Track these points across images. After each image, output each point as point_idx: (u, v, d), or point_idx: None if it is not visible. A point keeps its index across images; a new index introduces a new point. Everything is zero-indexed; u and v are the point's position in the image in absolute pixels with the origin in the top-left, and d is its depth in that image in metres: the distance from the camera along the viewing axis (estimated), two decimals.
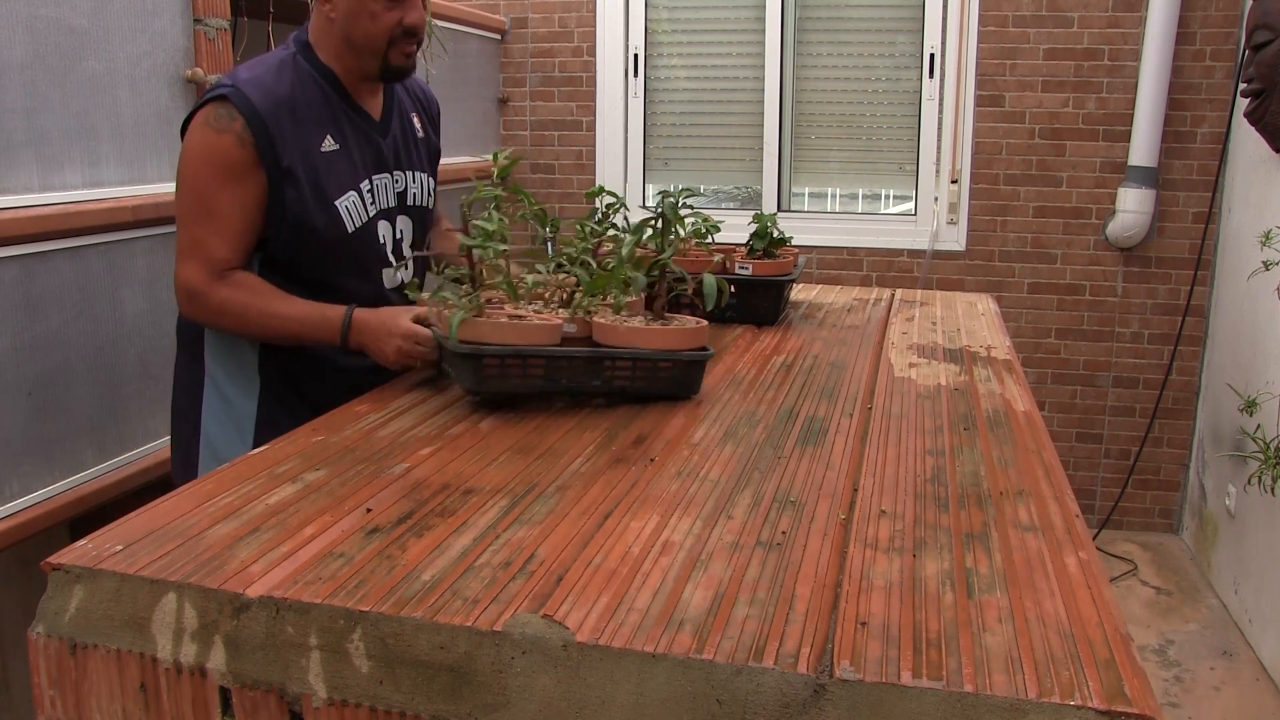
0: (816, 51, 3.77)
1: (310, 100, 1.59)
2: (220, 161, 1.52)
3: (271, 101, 1.54)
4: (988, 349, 1.88)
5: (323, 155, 1.59)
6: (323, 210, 1.59)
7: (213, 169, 1.52)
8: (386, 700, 0.86)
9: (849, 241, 3.76)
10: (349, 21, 1.59)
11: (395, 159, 1.71)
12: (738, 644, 0.82)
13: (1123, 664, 0.79)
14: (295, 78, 1.59)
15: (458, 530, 1.03)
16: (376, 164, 1.67)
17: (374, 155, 1.67)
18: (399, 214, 1.72)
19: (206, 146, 1.53)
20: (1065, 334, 3.63)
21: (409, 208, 1.74)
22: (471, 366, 1.42)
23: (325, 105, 1.61)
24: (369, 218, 1.65)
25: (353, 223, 1.62)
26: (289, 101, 1.57)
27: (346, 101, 1.64)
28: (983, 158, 3.60)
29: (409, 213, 1.74)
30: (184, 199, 1.56)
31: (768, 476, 1.20)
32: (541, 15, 3.87)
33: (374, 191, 1.66)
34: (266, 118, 1.52)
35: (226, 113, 1.52)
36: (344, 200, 1.61)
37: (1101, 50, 3.45)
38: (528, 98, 3.94)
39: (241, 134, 1.51)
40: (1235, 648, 2.97)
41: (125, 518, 1.06)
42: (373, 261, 1.69)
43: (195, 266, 1.55)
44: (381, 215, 1.68)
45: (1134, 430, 3.63)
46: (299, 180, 1.56)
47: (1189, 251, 3.49)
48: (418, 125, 1.79)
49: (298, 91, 1.58)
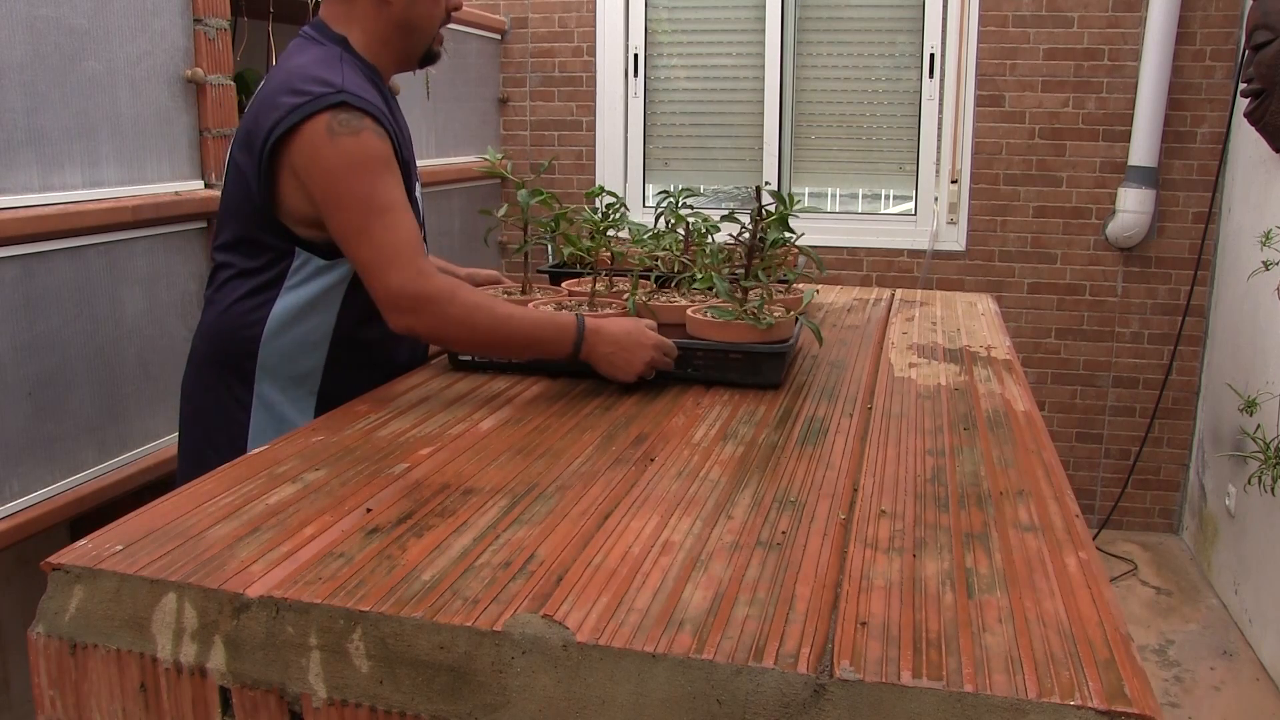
0: (816, 51, 3.78)
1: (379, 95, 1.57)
2: (375, 159, 1.46)
3: (373, 98, 1.51)
4: (988, 349, 1.88)
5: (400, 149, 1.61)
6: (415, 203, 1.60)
7: (371, 169, 1.46)
8: (386, 700, 0.86)
9: (849, 241, 3.76)
10: (412, 4, 1.58)
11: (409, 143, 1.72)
12: (738, 644, 0.82)
13: (1123, 664, 0.79)
14: (357, 73, 1.54)
15: (458, 530, 1.03)
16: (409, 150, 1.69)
17: (410, 145, 1.68)
18: None
19: (355, 152, 1.45)
20: (1065, 334, 3.63)
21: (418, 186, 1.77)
22: (778, 364, 1.57)
23: (383, 98, 1.58)
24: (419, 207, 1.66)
25: (420, 213, 1.64)
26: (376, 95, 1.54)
27: (389, 94, 1.64)
28: (983, 158, 3.60)
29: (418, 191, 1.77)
30: (353, 213, 1.45)
31: (768, 476, 1.20)
32: (541, 15, 3.87)
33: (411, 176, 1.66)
34: (382, 115, 1.50)
35: (351, 116, 1.46)
36: (415, 192, 1.63)
37: (1101, 50, 3.46)
38: (528, 98, 3.94)
39: (377, 130, 1.47)
40: (1235, 648, 2.97)
41: (125, 518, 1.06)
42: None
43: (409, 272, 1.45)
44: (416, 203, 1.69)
45: (1134, 430, 3.63)
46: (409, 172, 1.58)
47: (1189, 251, 3.49)
48: None
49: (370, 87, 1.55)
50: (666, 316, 1.69)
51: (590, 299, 1.74)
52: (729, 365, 1.58)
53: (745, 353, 1.57)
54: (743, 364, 1.58)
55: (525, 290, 1.83)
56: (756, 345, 1.57)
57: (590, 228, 1.79)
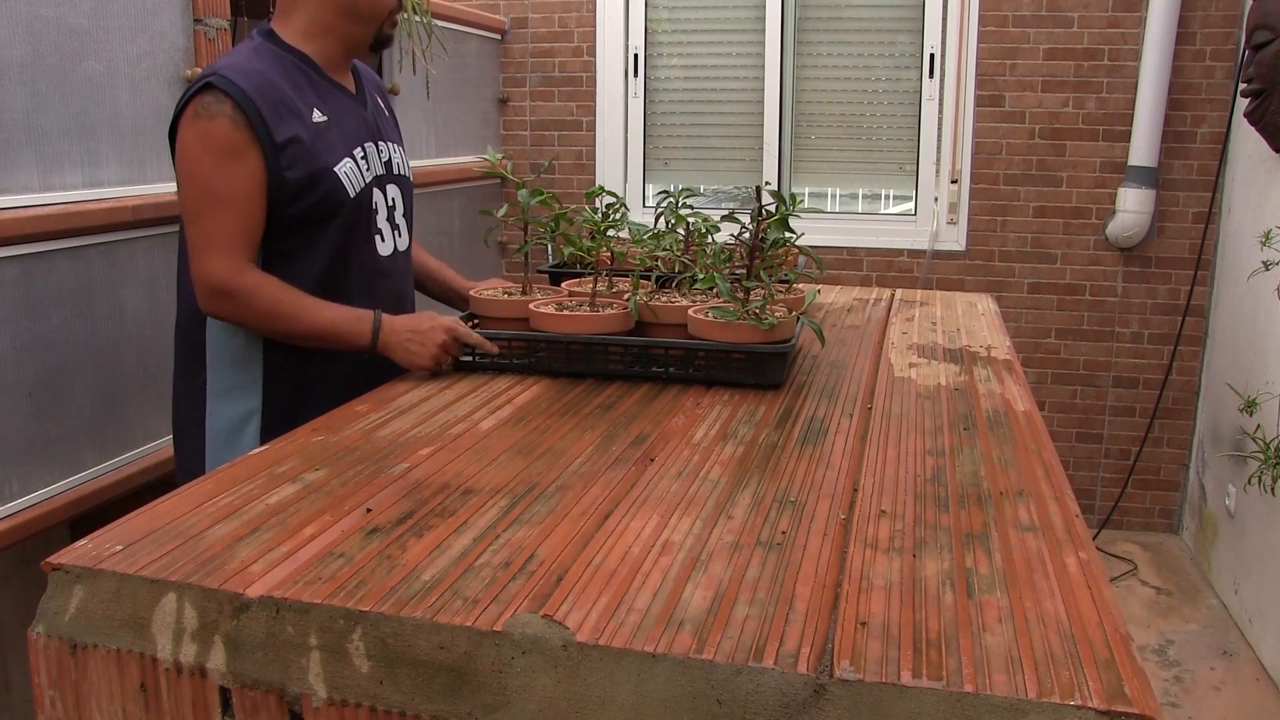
0: (816, 51, 3.78)
1: (290, 77, 1.62)
2: (218, 147, 1.52)
3: (255, 81, 1.56)
4: (988, 349, 1.88)
5: (315, 126, 1.62)
6: (324, 179, 1.61)
7: (213, 156, 1.53)
8: (386, 700, 0.86)
9: (849, 241, 3.76)
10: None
11: (377, 129, 1.75)
12: (738, 644, 0.82)
13: (1123, 664, 0.79)
14: (270, 58, 1.62)
15: (458, 530, 1.03)
16: (363, 133, 1.71)
17: (359, 125, 1.70)
18: (388, 182, 1.75)
19: (202, 136, 1.53)
20: (1065, 334, 3.63)
21: (396, 176, 1.78)
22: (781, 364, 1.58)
23: (306, 81, 1.64)
24: (365, 184, 1.68)
25: (352, 188, 1.65)
26: (271, 80, 1.59)
27: (323, 77, 1.68)
28: (983, 158, 3.60)
29: (396, 181, 1.78)
30: (190, 194, 1.55)
31: (768, 476, 1.20)
32: (541, 15, 3.87)
33: (367, 159, 1.69)
34: (254, 96, 1.54)
35: (214, 99, 1.53)
36: (342, 167, 1.64)
37: (1101, 50, 3.45)
38: (528, 98, 3.94)
39: (234, 116, 1.52)
40: (1235, 648, 2.97)
41: (125, 518, 1.06)
42: (371, 228, 1.71)
43: (217, 259, 1.55)
44: (374, 183, 1.71)
45: (1134, 430, 3.63)
46: (295, 153, 1.58)
47: (1189, 251, 3.49)
48: (383, 107, 1.84)
49: (277, 70, 1.61)
50: (668, 317, 1.69)
51: (591, 299, 1.74)
52: (731, 365, 1.59)
53: (748, 353, 1.57)
54: (745, 364, 1.58)
55: (525, 290, 1.83)
56: (759, 345, 1.57)
57: (590, 228, 1.79)
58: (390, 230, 1.75)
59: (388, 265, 1.75)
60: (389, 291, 1.74)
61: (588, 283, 1.87)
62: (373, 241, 1.72)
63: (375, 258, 1.72)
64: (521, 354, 1.67)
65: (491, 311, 1.75)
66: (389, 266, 1.75)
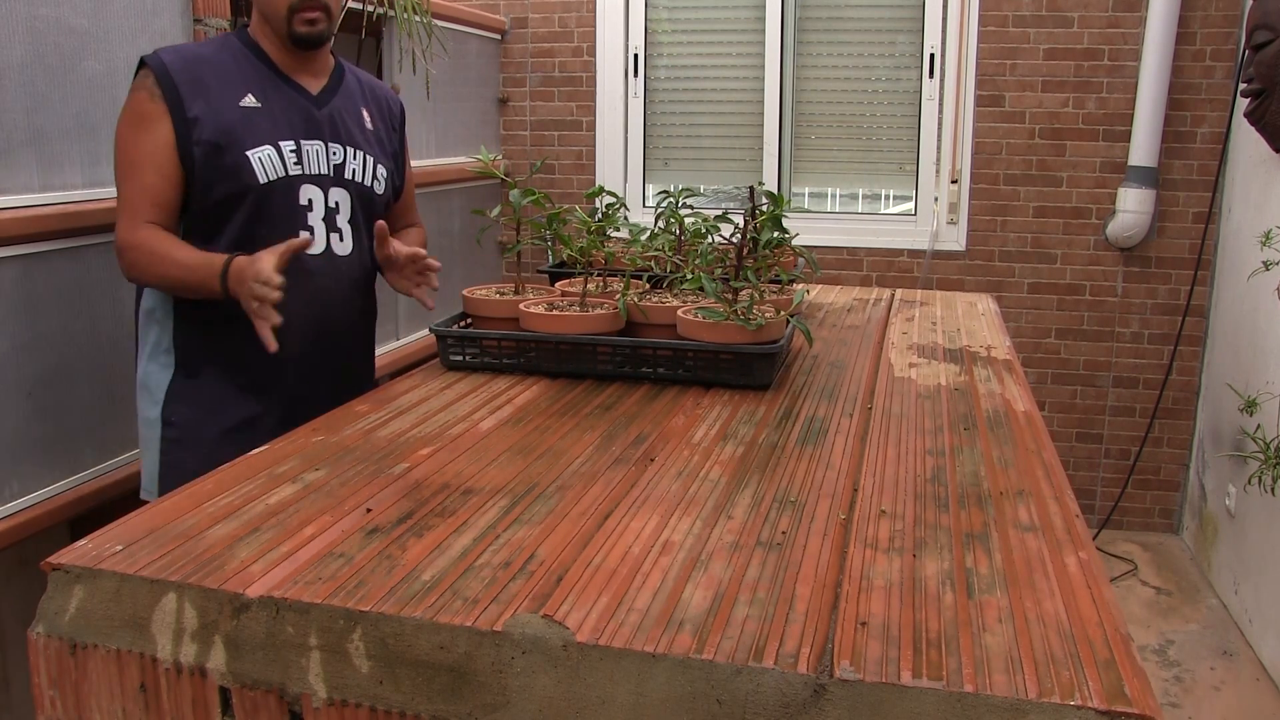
0: (816, 51, 3.77)
1: (234, 63, 1.67)
2: (134, 116, 1.60)
3: (183, 59, 1.62)
4: (988, 349, 1.88)
5: (241, 109, 1.63)
6: (233, 159, 1.62)
7: (130, 125, 1.60)
8: (386, 700, 0.86)
9: (849, 241, 3.76)
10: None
11: (333, 131, 1.73)
12: (738, 644, 0.82)
13: (1123, 664, 0.79)
14: (221, 46, 1.69)
15: (458, 530, 1.03)
16: (307, 130, 1.70)
17: (304, 121, 1.70)
18: (334, 185, 1.73)
19: (126, 107, 1.61)
20: (1065, 334, 3.63)
21: (347, 181, 1.75)
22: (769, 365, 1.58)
23: (251, 70, 1.68)
24: (286, 175, 1.66)
25: (265, 175, 1.64)
26: (206, 61, 1.64)
27: (275, 72, 1.70)
28: (983, 158, 3.60)
29: (347, 186, 1.75)
30: (116, 161, 1.63)
31: (768, 476, 1.20)
32: (541, 15, 3.87)
33: (300, 154, 1.68)
34: (174, 71, 1.59)
35: (142, 74, 1.61)
36: (258, 152, 1.63)
37: (1101, 50, 3.45)
38: (528, 98, 3.94)
39: (151, 88, 1.59)
40: (1235, 648, 2.97)
41: (125, 518, 1.06)
42: (289, 221, 1.68)
43: (122, 220, 1.60)
44: (310, 180, 1.69)
45: (1134, 430, 3.63)
46: (208, 128, 1.60)
47: (1189, 251, 3.49)
48: (367, 118, 1.82)
49: (221, 56, 1.66)
50: (657, 317, 1.69)
51: (581, 299, 1.75)
52: (720, 366, 1.59)
53: (736, 353, 1.57)
54: (734, 365, 1.58)
55: (519, 290, 1.83)
56: (747, 346, 1.57)
57: (584, 228, 1.79)
58: (326, 231, 1.72)
59: (313, 264, 1.69)
60: (311, 291, 1.67)
61: (580, 283, 1.87)
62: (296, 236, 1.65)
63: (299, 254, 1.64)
64: (512, 354, 1.67)
65: (483, 311, 1.75)
66: (315, 266, 1.70)
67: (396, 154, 1.89)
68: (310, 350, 1.71)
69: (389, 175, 1.83)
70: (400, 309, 3.10)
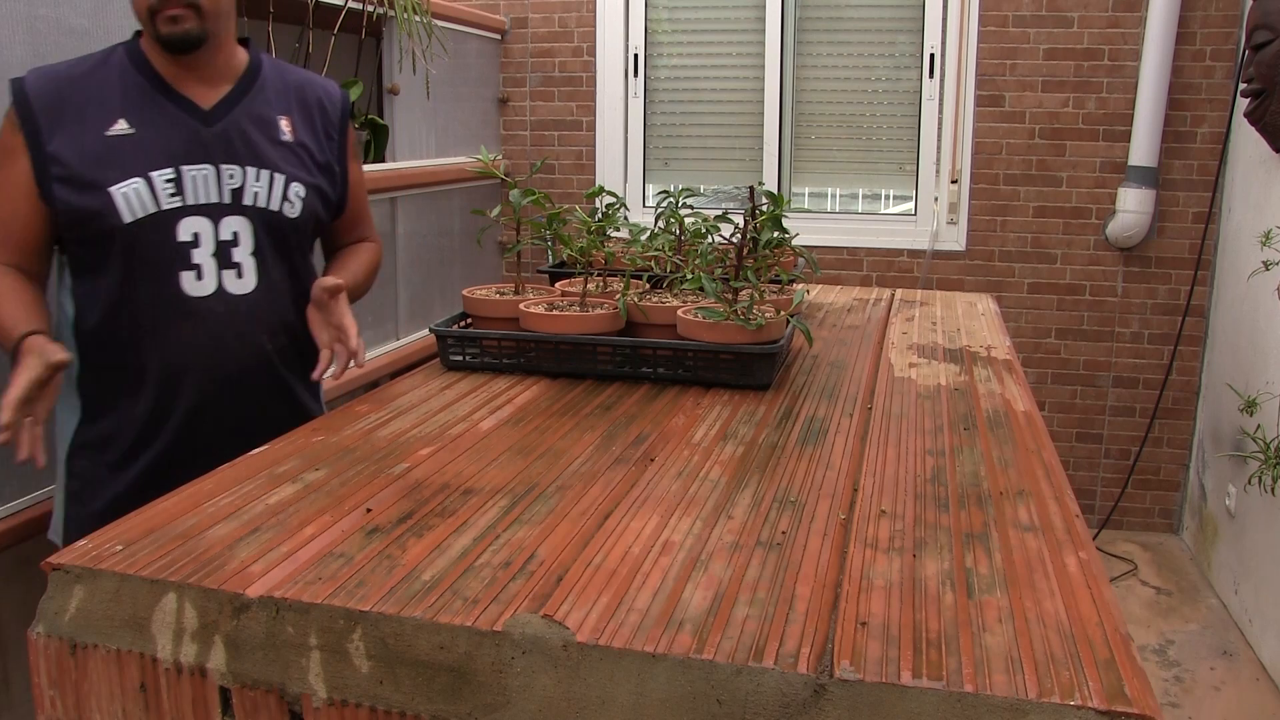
0: (816, 51, 3.78)
1: (108, 84, 1.49)
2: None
3: (51, 83, 1.47)
4: (988, 349, 1.88)
5: (106, 139, 1.46)
6: (94, 197, 1.45)
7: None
8: (386, 700, 0.86)
9: (849, 241, 3.76)
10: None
11: (227, 151, 1.53)
12: (738, 644, 0.82)
13: (1123, 664, 0.79)
14: (99, 64, 1.51)
15: (458, 530, 1.03)
16: (190, 154, 1.50)
17: (187, 144, 1.50)
18: (229, 213, 1.53)
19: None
20: (1065, 334, 3.63)
21: (246, 208, 1.54)
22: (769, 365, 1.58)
23: (132, 88, 1.50)
24: (159, 210, 1.48)
25: (131, 213, 1.46)
26: (76, 83, 1.48)
27: (160, 88, 1.51)
28: (983, 158, 3.60)
29: (246, 214, 1.54)
30: None
31: (768, 476, 1.20)
32: (541, 15, 3.87)
33: (181, 183, 1.49)
34: (34, 98, 1.45)
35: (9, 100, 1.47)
36: (122, 187, 1.46)
37: (1101, 50, 3.46)
38: (528, 98, 3.94)
39: (12, 119, 1.46)
40: (1235, 648, 2.97)
41: (125, 518, 1.06)
42: (164, 261, 1.49)
43: None
44: (195, 211, 1.50)
45: (1134, 430, 3.63)
46: (68, 163, 1.45)
47: (1189, 251, 3.49)
48: (285, 127, 1.60)
49: (99, 75, 1.50)
50: (658, 317, 1.69)
51: (581, 299, 1.75)
52: (720, 366, 1.59)
53: (735, 353, 1.57)
54: (733, 365, 1.58)
55: (519, 290, 1.83)
56: (747, 346, 1.57)
57: (584, 228, 1.79)
58: (215, 267, 1.52)
59: (199, 306, 1.51)
60: (198, 334, 1.51)
61: (580, 283, 1.87)
62: (176, 276, 1.49)
63: (178, 295, 1.50)
64: (512, 354, 1.67)
65: (483, 311, 1.75)
66: (201, 307, 1.51)
67: (331, 164, 1.66)
68: (208, 399, 1.54)
69: (313, 193, 1.62)
70: (400, 309, 3.10)
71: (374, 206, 2.98)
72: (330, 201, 1.67)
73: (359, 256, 1.77)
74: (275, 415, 1.60)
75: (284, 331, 1.61)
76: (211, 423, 1.54)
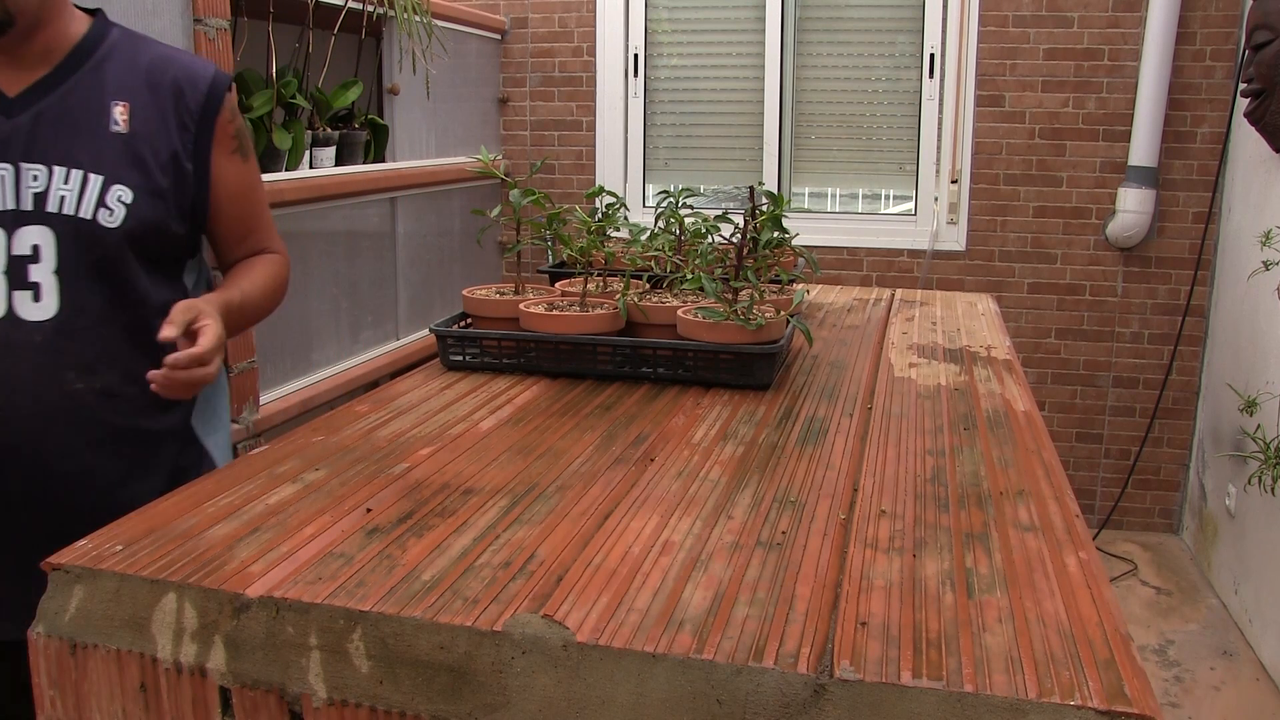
0: (816, 51, 3.78)
1: None
2: None
3: None
4: (988, 349, 1.88)
5: None
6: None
7: None
8: (386, 700, 0.86)
9: (849, 241, 3.77)
10: None
11: (28, 148, 1.28)
12: (738, 644, 0.82)
13: (1123, 664, 0.79)
14: None
15: (458, 530, 1.03)
16: None
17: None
18: (30, 223, 1.28)
19: None
20: (1065, 334, 3.63)
21: (50, 215, 1.29)
22: (769, 365, 1.57)
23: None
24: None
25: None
26: None
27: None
28: (983, 158, 3.60)
29: (50, 223, 1.29)
30: None
31: (768, 476, 1.20)
32: (541, 15, 3.87)
33: None
34: None
35: None
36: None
37: (1101, 50, 3.46)
38: (528, 98, 3.95)
39: None
40: (1235, 648, 2.97)
41: (125, 517, 1.06)
42: None
43: None
44: None
45: (1134, 430, 3.63)
46: None
47: (1189, 251, 3.49)
48: (119, 115, 1.34)
49: None
50: (658, 317, 1.69)
51: (581, 299, 1.75)
52: (720, 366, 1.59)
53: (736, 354, 1.57)
54: (733, 365, 1.58)
55: (519, 290, 1.83)
56: (747, 346, 1.57)
57: (584, 228, 1.79)
58: (6, 289, 1.27)
59: None
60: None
61: (580, 283, 1.87)
62: None
63: None
64: (512, 354, 1.67)
65: (483, 311, 1.75)
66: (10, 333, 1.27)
67: (181, 158, 1.38)
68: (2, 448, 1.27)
69: (146, 197, 1.34)
70: (400, 309, 3.10)
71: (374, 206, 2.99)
72: (184, 207, 1.38)
73: (252, 271, 1.49)
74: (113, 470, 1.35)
75: (107, 368, 1.33)
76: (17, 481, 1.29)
